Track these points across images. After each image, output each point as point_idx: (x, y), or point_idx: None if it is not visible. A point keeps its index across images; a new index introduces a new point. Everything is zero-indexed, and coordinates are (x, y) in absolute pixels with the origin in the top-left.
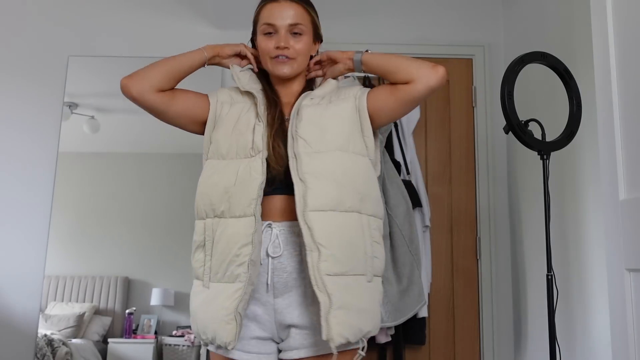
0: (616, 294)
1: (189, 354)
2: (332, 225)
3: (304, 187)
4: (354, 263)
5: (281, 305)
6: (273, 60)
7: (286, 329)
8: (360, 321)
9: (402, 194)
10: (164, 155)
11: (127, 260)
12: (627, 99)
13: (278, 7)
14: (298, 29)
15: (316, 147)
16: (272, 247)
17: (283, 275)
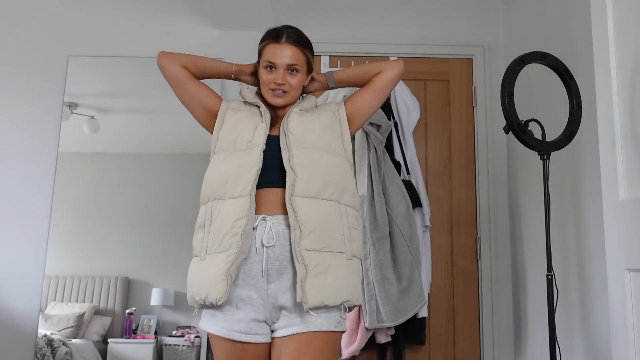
0: (616, 294)
1: (189, 354)
2: (314, 209)
3: (294, 176)
4: (332, 241)
5: (274, 290)
6: (271, 91)
7: (278, 310)
8: (337, 288)
9: (402, 194)
10: (164, 155)
11: (127, 260)
12: (627, 99)
13: (280, 48)
14: (294, 68)
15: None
16: (267, 237)
17: (275, 263)
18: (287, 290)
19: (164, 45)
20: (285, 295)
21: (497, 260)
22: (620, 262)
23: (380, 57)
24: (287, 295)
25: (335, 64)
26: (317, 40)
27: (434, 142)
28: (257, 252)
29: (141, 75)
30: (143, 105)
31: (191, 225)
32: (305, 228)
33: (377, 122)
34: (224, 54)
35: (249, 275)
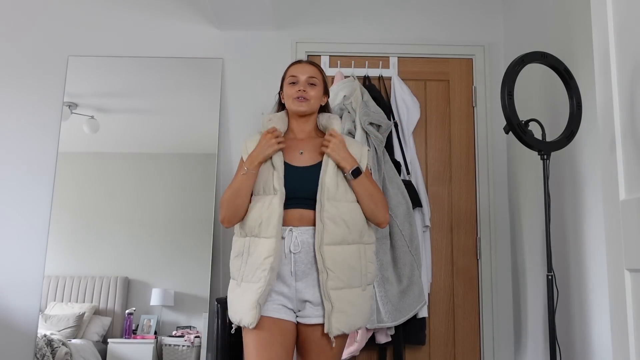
0: (616, 294)
1: (188, 354)
2: (338, 255)
3: (322, 227)
4: (352, 280)
5: (300, 287)
6: (295, 100)
7: (303, 302)
8: (354, 319)
9: (402, 194)
10: (164, 155)
11: (127, 260)
12: (627, 99)
13: (301, 66)
14: (313, 81)
15: (335, 196)
16: (293, 245)
17: (301, 266)
18: (311, 287)
19: (164, 45)
20: (310, 291)
21: (497, 260)
22: (620, 262)
23: (380, 57)
24: (312, 291)
25: (335, 64)
26: (317, 40)
27: (434, 142)
28: (286, 257)
29: (141, 75)
30: (143, 105)
31: (191, 224)
32: (332, 273)
33: (377, 122)
34: (224, 54)
35: (281, 275)
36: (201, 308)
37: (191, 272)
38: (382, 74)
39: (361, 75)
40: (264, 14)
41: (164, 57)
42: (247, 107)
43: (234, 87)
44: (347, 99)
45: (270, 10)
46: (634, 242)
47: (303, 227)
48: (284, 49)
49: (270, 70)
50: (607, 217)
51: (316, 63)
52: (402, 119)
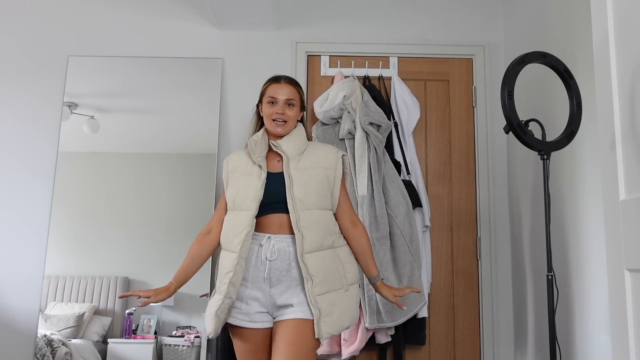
0: (616, 294)
1: (188, 354)
2: (319, 261)
3: (302, 237)
4: (333, 283)
5: (274, 292)
6: (273, 122)
7: (277, 308)
8: (341, 320)
9: (402, 194)
10: (163, 155)
11: (127, 260)
12: (627, 99)
13: (279, 86)
14: (291, 102)
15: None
16: (270, 253)
17: (276, 273)
18: (284, 292)
19: (164, 45)
20: (283, 296)
21: (497, 260)
22: (620, 262)
23: (380, 57)
24: (284, 296)
25: (335, 64)
26: (317, 40)
27: (434, 142)
28: (262, 263)
29: (141, 75)
30: (143, 105)
31: (191, 225)
32: (316, 279)
33: (377, 122)
34: (224, 54)
35: (255, 280)
36: (201, 308)
37: None
38: (382, 74)
39: (361, 75)
40: (264, 14)
41: (164, 57)
42: (247, 107)
43: (234, 87)
44: (347, 99)
45: (270, 10)
46: (634, 242)
47: (281, 235)
48: (284, 49)
49: (270, 71)
50: (607, 217)
51: (294, 81)
52: (402, 119)
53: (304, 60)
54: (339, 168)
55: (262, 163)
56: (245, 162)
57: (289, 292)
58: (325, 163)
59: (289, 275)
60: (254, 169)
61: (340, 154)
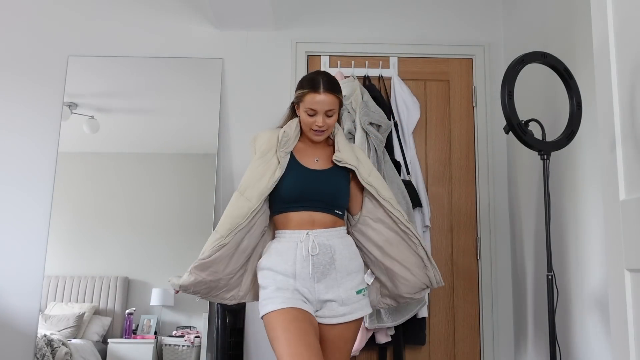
0: (616, 294)
1: (188, 354)
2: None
3: (409, 231)
4: None
5: (320, 288)
6: (313, 132)
7: (322, 302)
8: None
9: (402, 194)
10: (163, 155)
11: (127, 260)
12: (627, 99)
13: (319, 97)
14: (331, 112)
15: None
16: (312, 248)
17: (320, 267)
18: (330, 288)
19: (164, 45)
20: (329, 292)
21: (497, 260)
22: (620, 262)
23: (380, 57)
24: (330, 292)
25: (335, 64)
26: (317, 40)
27: (434, 142)
28: (304, 259)
29: (141, 75)
30: (143, 105)
31: (191, 224)
32: None
33: (377, 122)
34: (224, 54)
35: (301, 277)
36: (201, 308)
37: None
38: (382, 74)
39: (361, 75)
40: (264, 14)
41: (164, 57)
42: (247, 107)
43: (234, 87)
44: (347, 99)
45: (270, 10)
46: (634, 242)
47: (318, 230)
48: (284, 49)
49: (270, 70)
50: (607, 217)
51: (334, 86)
52: (402, 119)
53: (304, 60)
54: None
55: (283, 159)
56: (270, 147)
57: (335, 287)
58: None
59: (333, 269)
60: (272, 160)
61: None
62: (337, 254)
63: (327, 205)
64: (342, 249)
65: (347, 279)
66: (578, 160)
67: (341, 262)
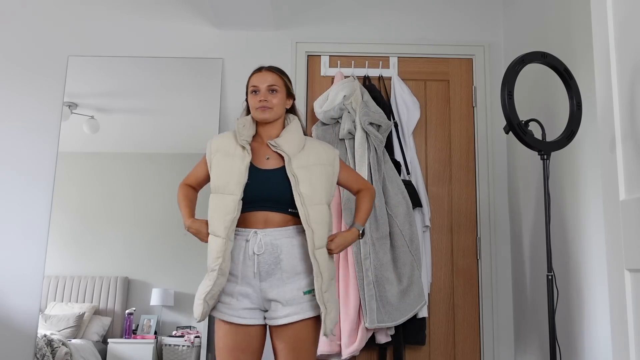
0: (616, 294)
1: (188, 354)
2: (324, 257)
3: (312, 232)
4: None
5: (265, 287)
6: (257, 109)
7: (268, 302)
8: (336, 315)
9: (402, 194)
10: (163, 155)
11: (127, 260)
12: (627, 99)
13: (261, 75)
14: (274, 88)
15: (314, 201)
16: (257, 247)
17: (265, 267)
18: (275, 287)
19: (164, 45)
20: (274, 290)
21: (497, 260)
22: (620, 262)
23: (380, 57)
24: (275, 291)
25: (335, 64)
26: (317, 40)
27: (434, 142)
28: (249, 259)
29: (141, 75)
30: (143, 105)
31: None
32: (325, 275)
33: (377, 122)
34: (224, 54)
35: (245, 276)
36: None
37: (191, 272)
38: (382, 74)
39: (361, 75)
40: (264, 14)
41: (164, 57)
42: None
43: (234, 87)
44: (347, 99)
45: (270, 10)
46: (634, 242)
47: (268, 229)
48: (284, 49)
49: None
50: (607, 217)
51: (277, 68)
52: (402, 119)
53: (304, 60)
54: (336, 165)
55: (247, 145)
56: (229, 143)
57: (280, 287)
58: (326, 160)
59: (278, 269)
60: (237, 150)
61: (336, 152)
62: (283, 253)
63: (279, 205)
64: (290, 248)
65: (294, 279)
66: (578, 160)
67: (288, 262)
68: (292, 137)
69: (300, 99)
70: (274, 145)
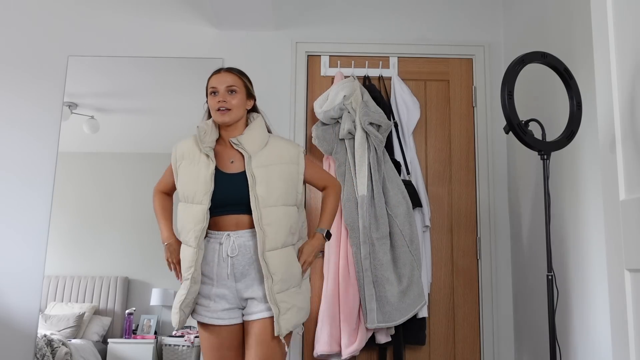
0: (616, 294)
1: (188, 354)
2: (279, 259)
3: (264, 235)
4: (292, 281)
5: (240, 287)
6: (216, 112)
7: (245, 300)
8: (298, 317)
9: (402, 194)
10: (163, 155)
11: (127, 260)
12: (627, 99)
13: (219, 76)
14: (233, 89)
15: (269, 202)
16: (230, 249)
17: (240, 268)
18: (250, 286)
19: (164, 45)
20: (249, 289)
21: (497, 260)
22: (620, 262)
23: (380, 57)
24: (251, 289)
25: (335, 64)
26: (317, 40)
27: (434, 142)
28: (224, 261)
29: (141, 75)
30: (143, 105)
31: None
32: (276, 277)
33: (377, 122)
34: (224, 54)
35: (220, 278)
36: None
37: None
38: (382, 74)
39: (361, 75)
40: (264, 14)
41: (164, 57)
42: None
43: None
44: (347, 99)
45: (270, 10)
46: (634, 242)
47: (240, 231)
48: (284, 49)
49: (270, 70)
50: (607, 217)
51: (236, 69)
52: (402, 119)
53: (304, 60)
54: (301, 162)
55: (210, 153)
56: (194, 150)
57: (254, 286)
58: (289, 158)
59: (252, 269)
60: (202, 157)
61: (301, 149)
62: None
63: (248, 207)
64: None
65: None
66: (578, 160)
67: None
68: (254, 135)
69: (300, 99)
70: (236, 143)
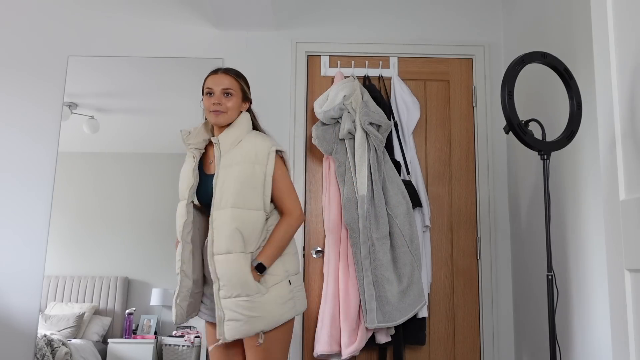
0: (616, 294)
1: (188, 354)
2: (225, 265)
3: (212, 237)
4: (242, 289)
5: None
6: (211, 113)
7: None
8: (251, 325)
9: (402, 194)
10: (163, 155)
11: (127, 260)
12: (627, 99)
13: (216, 77)
14: (229, 91)
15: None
16: None
17: None
18: None
19: (164, 45)
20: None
21: (497, 260)
22: (620, 262)
23: (380, 57)
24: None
25: (335, 64)
26: (317, 40)
27: (434, 142)
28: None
29: (141, 75)
30: (143, 105)
31: None
32: (221, 282)
33: (377, 122)
34: (223, 54)
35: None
36: None
37: None
38: (382, 74)
39: (361, 75)
40: (264, 14)
41: (164, 57)
42: None
43: None
44: (347, 99)
45: (270, 10)
46: (634, 242)
47: None
48: (284, 49)
49: (270, 70)
50: (607, 217)
51: (234, 71)
52: (402, 119)
53: (304, 60)
54: (270, 164)
55: (196, 153)
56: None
57: None
58: (254, 157)
59: None
60: (189, 158)
61: (273, 149)
62: None
63: None
64: None
65: None
66: (578, 160)
67: None
68: (231, 132)
69: (300, 99)
70: (216, 142)
